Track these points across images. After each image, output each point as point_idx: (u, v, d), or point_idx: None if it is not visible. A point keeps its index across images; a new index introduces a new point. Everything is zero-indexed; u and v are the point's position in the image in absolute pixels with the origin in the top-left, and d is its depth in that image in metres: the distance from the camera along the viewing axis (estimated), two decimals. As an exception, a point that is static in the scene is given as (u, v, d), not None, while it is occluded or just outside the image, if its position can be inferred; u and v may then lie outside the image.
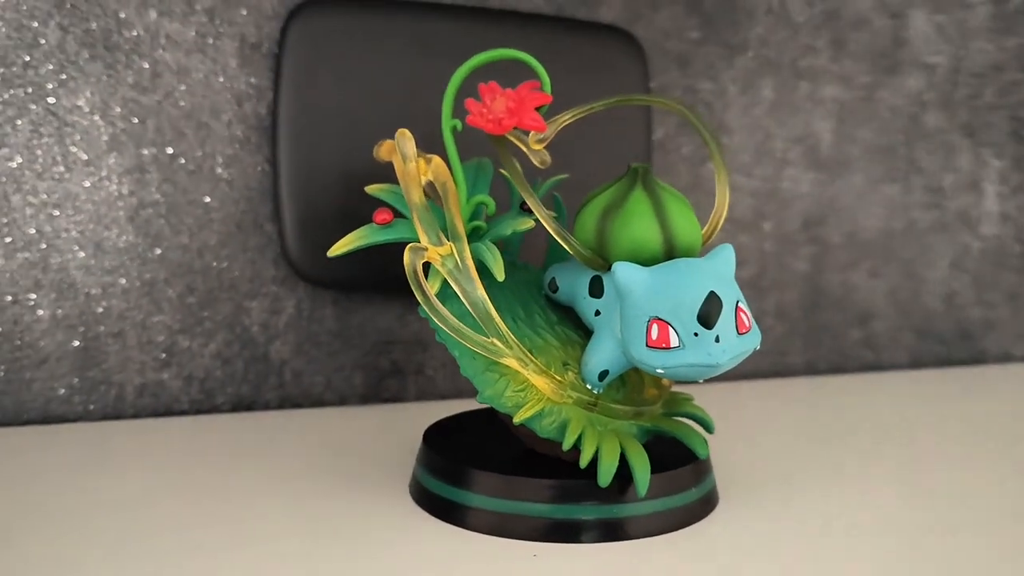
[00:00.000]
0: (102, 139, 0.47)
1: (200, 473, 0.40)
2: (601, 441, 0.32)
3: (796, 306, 0.62)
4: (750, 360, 0.61)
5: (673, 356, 0.30)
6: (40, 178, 0.46)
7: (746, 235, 0.60)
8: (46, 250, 0.46)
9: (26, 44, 0.45)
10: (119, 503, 0.36)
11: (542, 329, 0.35)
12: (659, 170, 0.57)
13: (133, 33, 0.47)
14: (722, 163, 0.36)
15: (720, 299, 0.31)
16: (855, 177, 0.63)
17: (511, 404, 0.33)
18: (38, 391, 0.47)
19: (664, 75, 0.57)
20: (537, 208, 0.33)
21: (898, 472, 0.42)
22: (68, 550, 0.32)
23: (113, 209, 0.47)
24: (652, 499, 0.34)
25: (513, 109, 0.34)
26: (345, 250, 0.33)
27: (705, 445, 0.35)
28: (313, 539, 0.33)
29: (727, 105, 0.59)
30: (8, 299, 0.46)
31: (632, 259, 0.33)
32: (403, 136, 0.34)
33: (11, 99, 0.45)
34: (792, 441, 0.47)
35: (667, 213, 0.33)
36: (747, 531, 0.34)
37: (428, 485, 0.35)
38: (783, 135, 0.61)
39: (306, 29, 0.48)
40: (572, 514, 0.33)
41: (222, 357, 0.50)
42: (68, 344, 0.47)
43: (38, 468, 0.40)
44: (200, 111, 0.48)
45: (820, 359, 0.63)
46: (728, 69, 0.59)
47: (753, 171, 0.60)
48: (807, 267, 0.62)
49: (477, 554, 0.31)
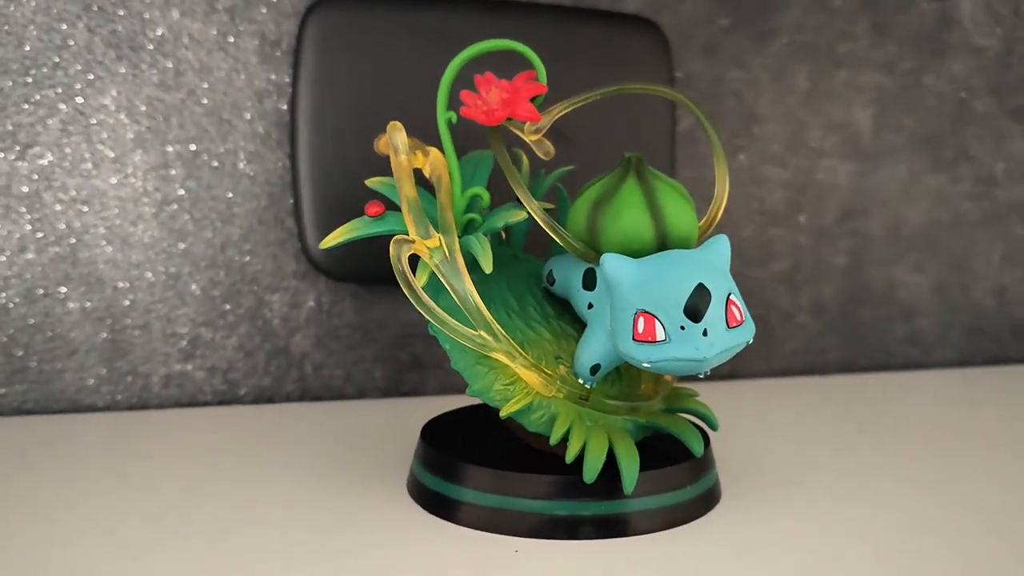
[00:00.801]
0: (128, 137, 0.48)
1: (216, 463, 0.40)
2: (589, 436, 0.32)
3: (833, 302, 0.60)
4: (782, 356, 0.59)
5: (659, 350, 0.29)
6: (69, 175, 0.48)
7: (779, 228, 0.59)
8: (75, 245, 0.48)
9: (55, 46, 0.47)
10: (130, 490, 0.37)
11: (536, 322, 0.34)
12: (686, 162, 0.56)
13: (157, 33, 0.48)
14: (721, 151, 0.35)
15: (709, 291, 0.30)
16: (898, 167, 0.60)
17: (500, 398, 0.32)
18: (69, 381, 0.49)
19: (690, 64, 0.56)
20: (527, 200, 0.33)
21: (931, 476, 0.40)
22: (92, 530, 0.33)
23: (139, 205, 0.49)
24: (647, 496, 0.33)
25: (507, 100, 0.34)
26: (336, 243, 0.33)
27: (701, 442, 0.34)
28: (303, 530, 0.33)
29: (758, 94, 0.57)
30: (40, 292, 0.48)
31: (623, 251, 0.32)
32: (394, 128, 0.34)
33: (42, 99, 0.47)
34: (818, 440, 0.45)
35: (660, 204, 0.32)
36: (745, 530, 0.33)
37: (423, 480, 0.35)
38: (819, 124, 0.59)
39: (323, 25, 0.48)
40: (566, 511, 0.32)
41: (244, 349, 0.51)
42: (97, 336, 0.49)
43: (68, 455, 0.41)
44: (222, 108, 0.49)
45: (860, 356, 0.61)
46: (759, 56, 0.57)
47: (787, 161, 0.58)
48: (845, 261, 0.60)
49: (466, 550, 0.31)
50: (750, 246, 0.58)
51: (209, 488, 0.37)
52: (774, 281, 0.59)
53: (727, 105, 0.57)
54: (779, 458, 0.42)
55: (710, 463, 0.36)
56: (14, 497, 0.36)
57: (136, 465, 0.40)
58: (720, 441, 0.43)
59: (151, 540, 0.32)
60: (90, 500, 0.36)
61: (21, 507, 0.35)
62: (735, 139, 0.57)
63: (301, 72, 0.48)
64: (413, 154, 0.37)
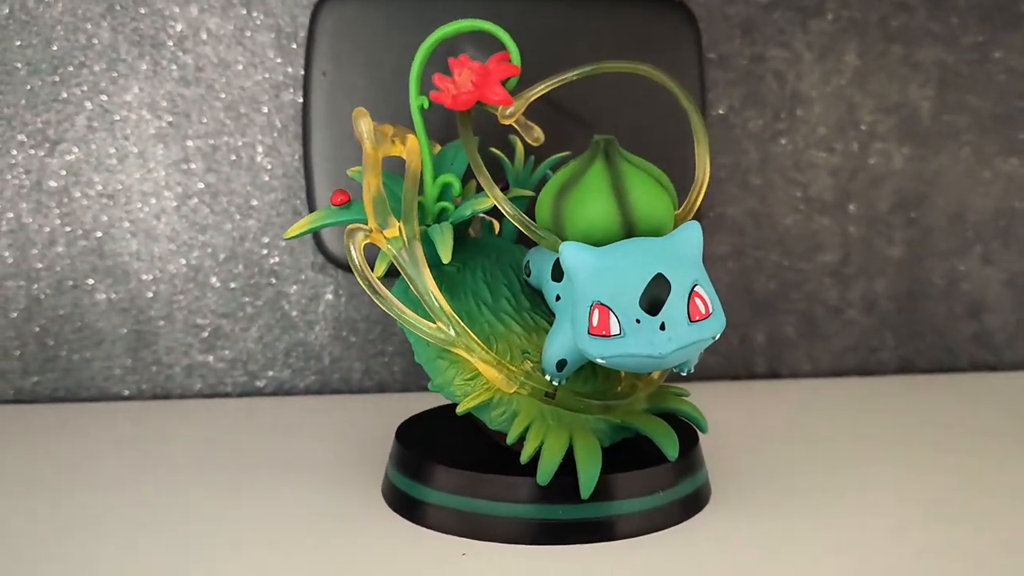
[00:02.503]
0: (149, 132, 0.49)
1: (231, 454, 0.41)
2: (547, 436, 0.30)
3: (888, 297, 0.56)
4: (829, 355, 0.55)
5: (613, 345, 0.28)
6: (96, 171, 0.49)
7: (827, 217, 0.55)
8: (102, 238, 0.49)
9: (81, 46, 0.48)
10: (146, 477, 0.38)
11: (507, 315, 0.33)
12: (722, 148, 0.53)
13: (177, 29, 0.49)
14: (703, 130, 0.32)
15: (668, 282, 0.27)
16: (962, 151, 0.55)
17: (460, 393, 0.31)
18: (97, 370, 0.50)
19: (726, 44, 0.53)
20: (489, 188, 0.31)
21: (992, 489, 0.36)
22: (113, 514, 0.34)
23: (161, 199, 0.50)
24: (623, 499, 0.31)
25: (477, 83, 0.33)
26: (300, 232, 0.33)
27: (676, 446, 0.32)
28: (288, 526, 0.32)
29: (801, 74, 0.54)
30: (70, 284, 0.49)
31: (587, 239, 0.30)
32: (358, 115, 0.33)
33: (69, 97, 0.49)
34: (848, 445, 0.42)
35: (627, 189, 0.30)
36: (739, 533, 0.31)
37: (393, 480, 0.34)
38: (871, 105, 0.54)
39: (334, 17, 0.48)
40: (537, 515, 0.31)
41: (263, 342, 0.51)
42: (122, 327, 0.50)
43: (95, 442, 0.43)
44: (240, 102, 0.50)
45: (919, 356, 0.56)
46: (803, 34, 0.53)
47: (834, 146, 0.54)
48: (902, 253, 0.56)
49: (425, 554, 0.30)
50: (793, 236, 0.55)
51: (219, 477, 0.38)
52: (820, 274, 0.55)
53: (766, 86, 0.53)
54: (801, 463, 0.39)
55: (695, 465, 0.33)
56: (48, 479, 0.37)
57: (155, 454, 0.41)
58: (743, 444, 0.41)
59: (162, 525, 0.33)
60: (111, 484, 0.37)
61: (51, 489, 0.36)
62: (775, 122, 0.54)
63: (313, 64, 0.48)
64: (392, 142, 0.36)
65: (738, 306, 0.54)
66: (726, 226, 0.54)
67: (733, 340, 0.55)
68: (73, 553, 0.30)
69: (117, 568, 0.29)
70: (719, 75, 0.53)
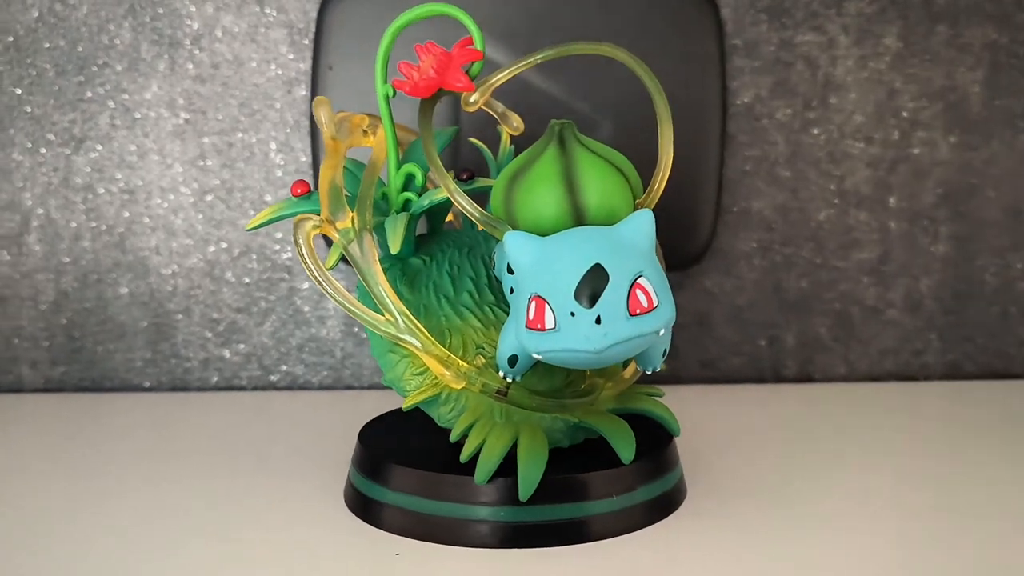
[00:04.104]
0: (167, 130, 0.50)
1: (243, 446, 0.41)
2: (489, 434, 0.29)
3: (932, 296, 0.52)
4: (866, 358, 0.52)
5: (548, 339, 0.26)
6: (118, 168, 0.51)
7: (864, 211, 0.51)
8: (124, 233, 0.51)
9: (104, 47, 0.50)
10: (162, 465, 0.39)
11: (466, 308, 0.32)
12: (749, 139, 0.50)
13: (194, 27, 0.50)
14: (667, 115, 0.30)
15: (606, 273, 0.26)
16: (1018, 139, 0.51)
17: (410, 388, 0.30)
18: (119, 362, 0.52)
19: (753, 29, 0.50)
20: (441, 178, 0.30)
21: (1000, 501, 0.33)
22: (129, 498, 0.35)
23: (179, 195, 0.51)
24: (579, 501, 0.29)
25: (438, 69, 0.32)
26: (260, 223, 0.33)
27: (632, 448, 0.30)
28: (266, 519, 0.32)
29: (836, 58, 0.50)
30: (94, 278, 0.51)
31: (535, 229, 0.29)
32: (317, 104, 0.32)
33: (93, 97, 0.50)
34: (869, 453, 0.39)
35: (579, 176, 0.28)
36: (711, 535, 0.29)
37: (353, 480, 0.33)
38: (913, 91, 0.51)
39: (340, 12, 0.48)
40: (489, 516, 0.29)
41: (277, 336, 0.51)
42: (143, 320, 0.51)
43: (116, 431, 0.44)
44: (254, 99, 0.50)
45: (967, 360, 0.52)
46: (837, 16, 0.50)
47: (872, 135, 0.51)
48: (948, 249, 0.52)
49: (378, 557, 0.29)
50: (826, 232, 0.51)
51: (228, 469, 0.38)
52: (857, 272, 0.52)
53: (796, 72, 0.50)
54: (816, 470, 0.36)
55: (664, 468, 0.31)
56: (73, 465, 0.39)
57: (169, 445, 0.42)
58: (759, 449, 0.39)
59: (170, 510, 0.34)
60: (124, 471, 0.38)
61: (76, 475, 0.38)
62: (806, 111, 0.51)
63: (320, 60, 0.48)
64: (364, 133, 0.35)
65: (765, 306, 0.52)
66: (752, 222, 0.51)
67: (760, 341, 0.52)
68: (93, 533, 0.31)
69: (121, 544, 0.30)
70: (744, 63, 0.50)
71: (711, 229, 0.49)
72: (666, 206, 0.48)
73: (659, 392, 0.33)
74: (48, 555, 0.30)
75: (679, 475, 0.33)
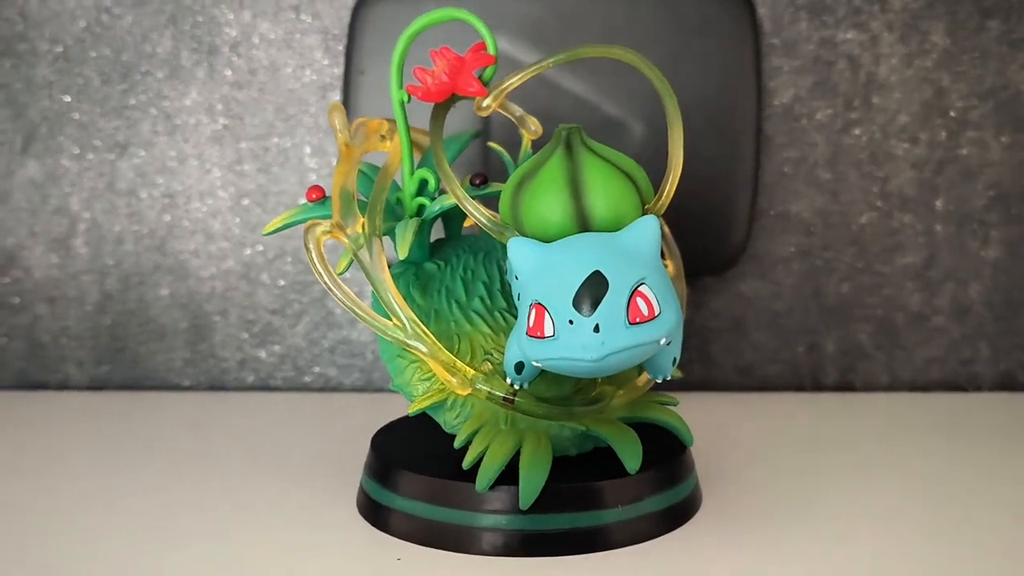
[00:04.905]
0: (206, 135, 0.51)
1: (273, 446, 0.42)
2: (492, 441, 0.28)
3: (982, 303, 0.50)
4: (911, 367, 0.50)
5: (547, 347, 0.26)
6: (159, 173, 0.52)
7: (908, 214, 0.50)
8: (165, 237, 0.52)
9: (146, 55, 0.51)
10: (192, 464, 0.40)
11: (477, 314, 0.31)
12: (787, 140, 0.49)
13: (232, 34, 0.51)
14: (677, 118, 0.30)
15: (606, 280, 0.25)
16: (1076, 137, 0.48)
17: (417, 393, 0.30)
18: (160, 362, 0.53)
19: (792, 28, 0.49)
20: (449, 183, 0.30)
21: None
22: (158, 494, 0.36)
23: (217, 199, 0.52)
24: (574, 512, 0.29)
25: (450, 74, 0.32)
26: (275, 228, 0.33)
27: (638, 458, 0.29)
28: (269, 521, 0.33)
29: (879, 57, 0.49)
30: (136, 280, 0.52)
31: (541, 235, 0.28)
32: (332, 110, 0.33)
33: (136, 104, 0.52)
34: (907, 467, 0.38)
35: (583, 181, 0.28)
36: (720, 548, 0.28)
37: (364, 485, 0.33)
38: (962, 90, 0.49)
39: (372, 17, 0.48)
40: (500, 525, 0.29)
41: (310, 338, 0.52)
42: (182, 321, 0.52)
43: (155, 428, 0.46)
44: (289, 104, 0.51)
45: (1021, 370, 0.50)
46: (881, 13, 0.48)
47: (918, 135, 0.49)
48: (999, 254, 0.49)
49: (383, 564, 0.29)
50: (868, 236, 0.50)
51: (251, 469, 0.39)
52: (901, 277, 0.50)
53: (838, 72, 0.49)
54: (844, 482, 0.35)
55: (676, 478, 0.31)
56: (117, 460, 0.40)
57: (200, 444, 0.43)
58: (790, 459, 0.38)
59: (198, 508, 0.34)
60: (151, 469, 0.39)
61: (122, 469, 0.39)
62: (848, 112, 0.49)
63: (352, 65, 0.48)
64: (381, 138, 0.35)
65: (803, 312, 0.50)
66: (790, 225, 0.50)
67: (798, 348, 0.50)
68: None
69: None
70: (783, 62, 0.49)
71: (746, 232, 0.48)
72: (699, 208, 0.47)
73: (673, 401, 0.32)
74: (71, 546, 0.31)
75: (692, 485, 0.32)
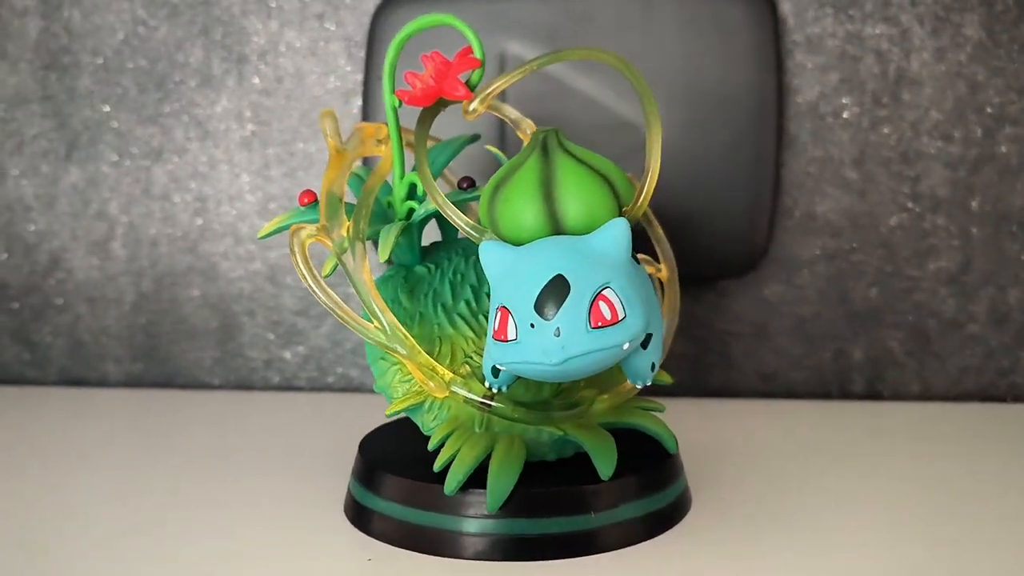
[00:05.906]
0: (235, 141, 0.53)
1: (280, 446, 0.43)
2: (464, 444, 0.28)
3: (1021, 309, 0.47)
4: (944, 376, 0.48)
5: (511, 351, 0.26)
6: (191, 178, 0.54)
7: (941, 216, 0.48)
8: (196, 239, 0.54)
9: (179, 65, 0.53)
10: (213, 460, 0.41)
11: (461, 317, 0.31)
12: (812, 139, 0.48)
13: (260, 43, 0.52)
14: (656, 121, 0.29)
15: (568, 284, 0.25)
16: (1125, 133, 0.46)
17: (397, 395, 0.30)
18: (191, 360, 0.55)
19: (817, 24, 0.47)
20: (429, 188, 0.30)
21: None
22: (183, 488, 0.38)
23: (245, 203, 0.53)
24: (557, 516, 0.29)
25: (436, 78, 0.32)
26: (269, 232, 0.34)
27: (611, 465, 0.29)
28: (264, 526, 0.33)
29: (910, 51, 0.47)
30: (169, 281, 0.54)
31: (514, 238, 0.28)
32: (323, 116, 0.33)
33: (170, 112, 0.53)
34: (927, 478, 0.36)
35: (557, 185, 0.28)
36: (700, 557, 0.27)
37: (351, 488, 0.34)
38: (999, 85, 0.46)
39: (391, 23, 0.49)
40: (478, 529, 0.29)
41: (333, 339, 0.53)
42: (212, 321, 0.54)
43: (179, 426, 0.47)
44: (314, 110, 0.52)
45: (1064, 381, 0.47)
46: (911, 6, 0.47)
47: (951, 133, 0.47)
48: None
49: (361, 565, 0.30)
50: (899, 238, 0.48)
51: (261, 468, 0.40)
52: (934, 282, 0.48)
53: (865, 67, 0.47)
54: (856, 493, 0.34)
55: (661, 483, 0.30)
56: (137, 457, 0.42)
57: (225, 442, 0.44)
58: (806, 468, 0.37)
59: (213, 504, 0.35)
60: (169, 466, 0.41)
61: (139, 466, 0.41)
62: (876, 108, 0.47)
63: (372, 70, 0.49)
64: (377, 143, 0.36)
65: (830, 317, 0.49)
66: (815, 227, 0.48)
67: (824, 354, 0.49)
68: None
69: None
70: (807, 58, 0.48)
71: (767, 233, 0.47)
72: (718, 210, 0.46)
73: (659, 407, 0.32)
74: (78, 540, 0.32)
75: (679, 492, 0.31)
